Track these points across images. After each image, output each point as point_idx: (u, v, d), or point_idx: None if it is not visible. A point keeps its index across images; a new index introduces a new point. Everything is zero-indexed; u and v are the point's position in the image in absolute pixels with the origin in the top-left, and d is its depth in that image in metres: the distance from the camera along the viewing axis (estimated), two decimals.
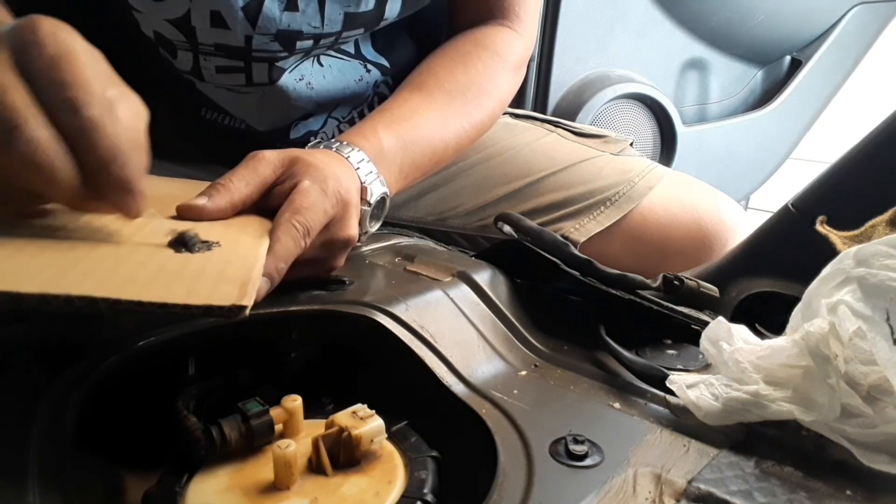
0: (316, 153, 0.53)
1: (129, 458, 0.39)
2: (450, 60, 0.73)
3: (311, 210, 0.46)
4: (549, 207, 0.78)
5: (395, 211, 0.81)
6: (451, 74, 0.71)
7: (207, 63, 0.69)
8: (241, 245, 0.42)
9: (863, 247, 0.37)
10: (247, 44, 0.66)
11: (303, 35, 0.67)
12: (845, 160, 0.51)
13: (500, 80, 0.75)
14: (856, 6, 1.65)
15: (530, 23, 0.80)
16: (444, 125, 0.68)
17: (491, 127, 0.78)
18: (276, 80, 0.70)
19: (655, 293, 0.51)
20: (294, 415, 0.38)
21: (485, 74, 0.74)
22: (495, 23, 0.78)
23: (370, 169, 0.56)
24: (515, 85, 0.80)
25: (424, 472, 0.36)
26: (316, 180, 0.48)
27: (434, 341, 0.43)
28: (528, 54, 0.81)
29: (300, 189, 0.47)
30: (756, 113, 1.72)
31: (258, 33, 0.66)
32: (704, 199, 0.81)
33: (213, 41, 0.66)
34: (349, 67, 0.74)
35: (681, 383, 0.39)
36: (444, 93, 0.69)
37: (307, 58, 0.71)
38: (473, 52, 0.74)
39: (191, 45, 0.67)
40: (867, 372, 0.34)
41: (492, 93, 0.74)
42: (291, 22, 0.66)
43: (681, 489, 0.33)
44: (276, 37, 0.66)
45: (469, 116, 0.71)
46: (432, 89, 0.69)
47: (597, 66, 1.53)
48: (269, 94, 0.71)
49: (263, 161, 0.49)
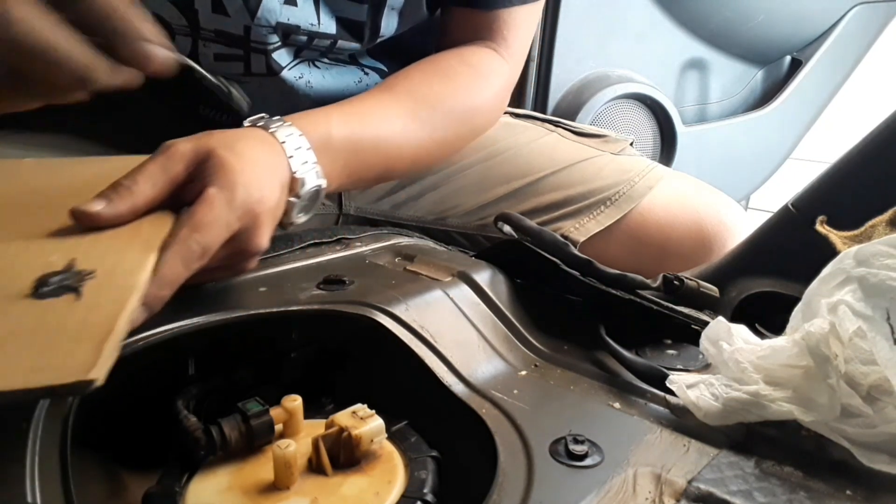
0: (240, 141, 0.48)
1: (129, 458, 0.39)
2: (431, 70, 0.71)
3: (212, 226, 0.42)
4: (549, 207, 0.78)
5: (395, 210, 0.81)
6: (427, 84, 0.69)
7: (206, 49, 0.68)
8: (120, 273, 0.37)
9: (863, 246, 0.37)
10: (246, 33, 0.66)
11: (300, 30, 0.67)
12: (845, 160, 0.51)
13: (477, 101, 0.73)
14: (856, 6, 1.65)
15: (518, 49, 0.78)
16: (403, 131, 0.65)
17: (460, 148, 0.76)
18: (277, 73, 0.69)
19: (655, 293, 0.51)
20: (294, 415, 0.38)
21: (463, 92, 0.71)
22: (482, 44, 0.76)
23: (307, 158, 0.52)
24: (493, 109, 0.77)
25: (424, 472, 0.36)
26: (224, 188, 0.44)
27: (434, 341, 0.43)
28: (511, 81, 0.78)
29: (204, 199, 0.43)
30: (756, 113, 1.72)
31: (257, 24, 0.65)
32: (704, 199, 0.81)
33: (213, 27, 0.66)
34: (347, 71, 0.74)
35: (681, 383, 0.39)
36: (414, 100, 0.67)
37: (303, 60, 0.71)
38: (457, 68, 0.72)
39: (191, 29, 0.66)
40: (867, 372, 0.34)
41: (465, 112, 0.71)
42: (290, 16, 0.66)
43: (681, 489, 0.33)
44: (276, 29, 0.66)
45: (434, 130, 0.68)
46: (402, 93, 0.67)
47: (597, 67, 1.53)
48: (268, 85, 0.70)
49: (175, 157, 0.44)
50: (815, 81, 1.72)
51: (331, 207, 0.79)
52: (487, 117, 0.76)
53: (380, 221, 0.80)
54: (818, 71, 1.71)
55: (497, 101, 0.77)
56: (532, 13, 0.78)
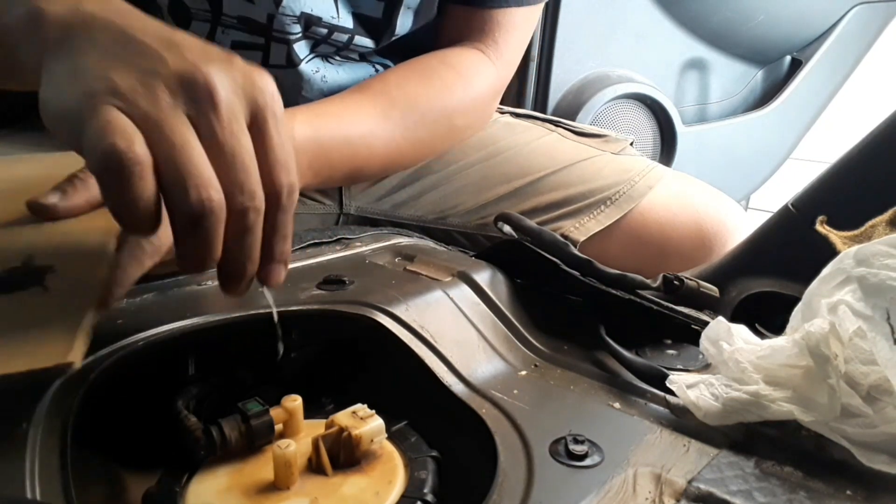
0: None
1: (129, 458, 0.39)
2: (408, 71, 0.71)
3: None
4: (549, 206, 0.78)
5: (395, 210, 0.81)
6: (402, 84, 0.68)
7: (224, 37, 0.67)
8: (80, 265, 0.38)
9: (863, 246, 0.37)
10: (269, 21, 0.65)
11: (321, 22, 0.67)
12: (845, 160, 0.51)
13: (455, 102, 0.71)
14: (856, 6, 1.65)
15: (509, 52, 0.76)
16: (374, 131, 0.65)
17: (442, 149, 0.74)
18: (296, 66, 0.69)
19: (655, 293, 0.51)
20: (294, 415, 0.38)
21: (439, 92, 0.70)
22: (470, 45, 0.75)
23: None
24: (476, 111, 0.75)
25: (424, 472, 0.36)
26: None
27: (434, 341, 0.43)
28: (499, 84, 0.77)
29: None
30: (756, 113, 1.71)
31: (281, 13, 0.65)
32: (704, 199, 0.81)
33: (237, 13, 0.65)
34: (359, 67, 0.74)
35: (681, 383, 0.39)
36: (387, 100, 0.66)
37: (319, 55, 0.71)
38: (436, 69, 0.71)
39: (213, 14, 0.65)
40: (867, 372, 0.34)
41: (441, 112, 0.70)
42: (314, 7, 0.66)
43: (681, 489, 0.33)
44: (299, 19, 0.66)
45: (407, 129, 0.67)
46: (376, 93, 0.67)
47: (597, 67, 1.53)
48: (283, 79, 0.70)
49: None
50: (815, 81, 1.72)
51: (331, 207, 0.79)
52: (469, 119, 0.75)
53: (380, 221, 0.80)
54: (818, 71, 1.71)
55: (480, 103, 0.75)
56: (528, 17, 0.77)
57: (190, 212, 0.32)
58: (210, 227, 0.32)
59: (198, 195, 0.31)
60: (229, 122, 0.33)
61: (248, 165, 0.33)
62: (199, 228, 0.32)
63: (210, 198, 0.32)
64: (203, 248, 0.33)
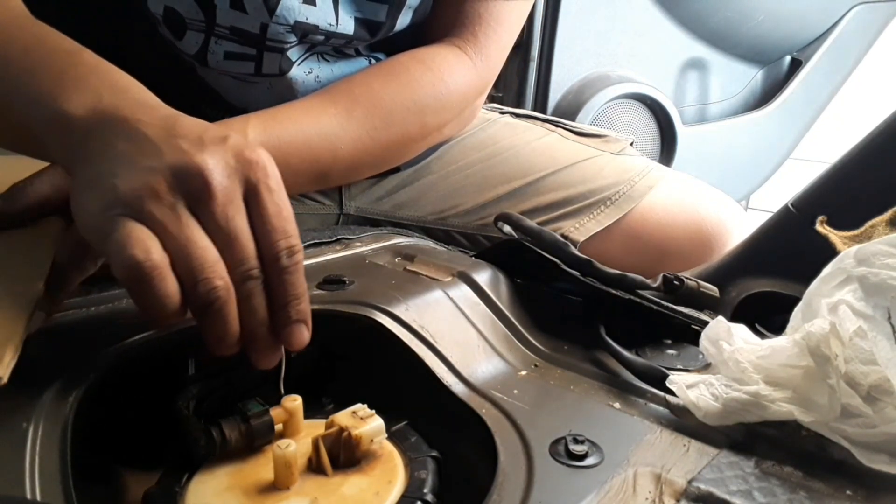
0: None
1: (129, 458, 0.39)
2: (375, 69, 0.69)
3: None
4: (550, 206, 0.78)
5: (395, 210, 0.81)
6: (367, 82, 0.66)
7: (217, 47, 0.66)
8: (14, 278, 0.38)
9: (863, 246, 0.37)
10: (262, 31, 0.65)
11: (318, 30, 0.66)
12: (845, 160, 0.51)
13: (425, 98, 0.68)
14: (856, 6, 1.65)
15: (490, 48, 0.72)
16: (337, 132, 0.63)
17: (415, 148, 0.72)
18: (286, 72, 0.69)
19: (655, 293, 0.51)
20: (294, 415, 0.38)
21: (407, 89, 0.67)
22: (447, 42, 0.72)
23: None
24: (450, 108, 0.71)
25: (424, 472, 0.36)
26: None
27: (434, 341, 0.43)
28: (477, 80, 0.73)
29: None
30: (756, 113, 1.72)
31: (274, 22, 0.64)
32: (704, 200, 0.81)
33: (230, 23, 0.65)
34: (354, 62, 0.74)
35: (681, 383, 0.39)
36: (351, 98, 0.64)
37: (313, 54, 0.71)
38: (406, 66, 0.68)
39: (206, 24, 0.65)
40: (867, 372, 0.34)
41: (409, 109, 0.67)
42: (309, 15, 0.65)
43: (681, 489, 0.33)
44: (293, 29, 0.66)
45: (373, 129, 0.65)
46: (338, 93, 0.65)
47: (596, 67, 1.53)
48: (276, 85, 0.70)
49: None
50: (815, 81, 1.72)
51: (331, 207, 0.79)
52: (443, 117, 0.72)
53: (380, 221, 0.80)
54: (818, 71, 1.71)
55: (456, 101, 0.72)
56: (513, 11, 0.73)
57: (200, 301, 0.35)
58: (221, 308, 0.35)
59: (205, 287, 0.35)
60: (224, 207, 0.36)
61: (243, 242, 0.36)
62: (210, 309, 0.35)
63: (216, 287, 0.35)
64: (220, 326, 0.36)
